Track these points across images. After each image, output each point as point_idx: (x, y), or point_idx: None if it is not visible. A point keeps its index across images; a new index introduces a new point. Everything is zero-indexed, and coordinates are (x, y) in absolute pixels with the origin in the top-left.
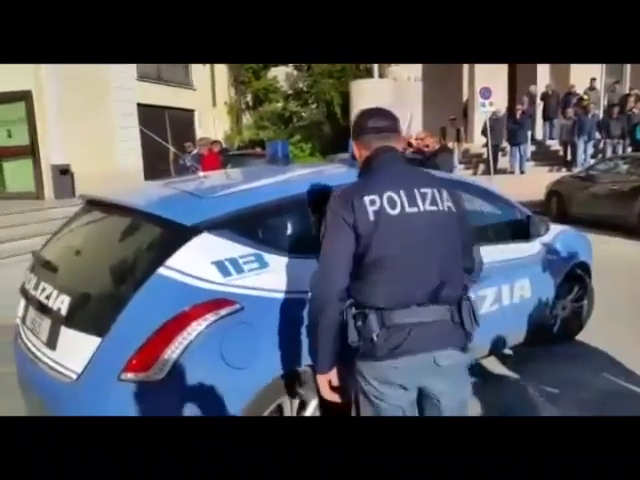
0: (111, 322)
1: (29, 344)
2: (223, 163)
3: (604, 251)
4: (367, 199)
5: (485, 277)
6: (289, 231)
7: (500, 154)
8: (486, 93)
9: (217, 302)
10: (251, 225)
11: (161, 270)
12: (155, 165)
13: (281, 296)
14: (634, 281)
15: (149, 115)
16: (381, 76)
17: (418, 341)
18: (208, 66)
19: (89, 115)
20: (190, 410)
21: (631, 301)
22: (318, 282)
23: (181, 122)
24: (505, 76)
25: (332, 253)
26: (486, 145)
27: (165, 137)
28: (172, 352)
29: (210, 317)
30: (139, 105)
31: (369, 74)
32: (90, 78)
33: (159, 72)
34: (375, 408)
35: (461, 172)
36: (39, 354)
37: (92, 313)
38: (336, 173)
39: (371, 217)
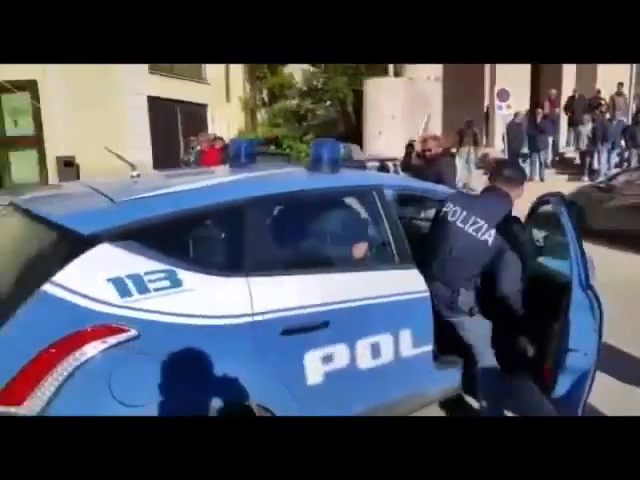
0: None
1: None
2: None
3: (624, 268)
4: (449, 204)
5: None
6: (213, 245)
7: (520, 160)
8: (504, 95)
9: (106, 328)
10: (166, 235)
11: (46, 287)
12: (165, 159)
13: (193, 322)
14: None
15: (160, 108)
16: (397, 75)
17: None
18: None
19: (97, 107)
20: None
21: None
22: None
23: (193, 117)
24: (528, 77)
25: None
26: (504, 150)
27: (176, 131)
28: (49, 385)
29: (97, 345)
30: (150, 97)
31: (385, 72)
32: (98, 69)
33: (172, 65)
34: None
35: (478, 178)
36: None
37: None
38: (283, 179)
39: (442, 214)
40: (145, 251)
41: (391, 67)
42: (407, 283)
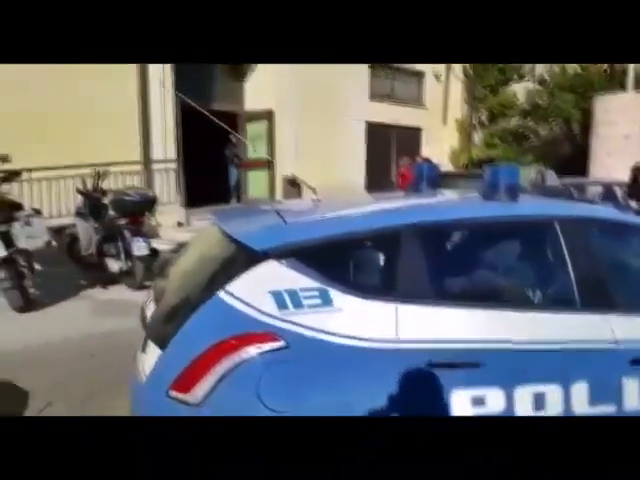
0: (171, 337)
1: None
2: None
3: None
4: None
5: None
6: (367, 269)
7: None
8: None
9: (261, 335)
10: (323, 256)
11: (220, 293)
12: (379, 180)
13: (338, 340)
14: None
15: (376, 132)
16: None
17: None
18: (442, 84)
19: (320, 132)
20: None
21: None
22: None
23: (407, 140)
24: None
25: None
26: None
27: (390, 154)
28: (209, 379)
29: (253, 350)
30: (368, 123)
31: (621, 87)
32: (326, 98)
33: (392, 91)
34: None
35: None
36: (138, 355)
37: (161, 325)
38: (449, 206)
39: None
40: (304, 269)
41: (630, 80)
42: (588, 331)
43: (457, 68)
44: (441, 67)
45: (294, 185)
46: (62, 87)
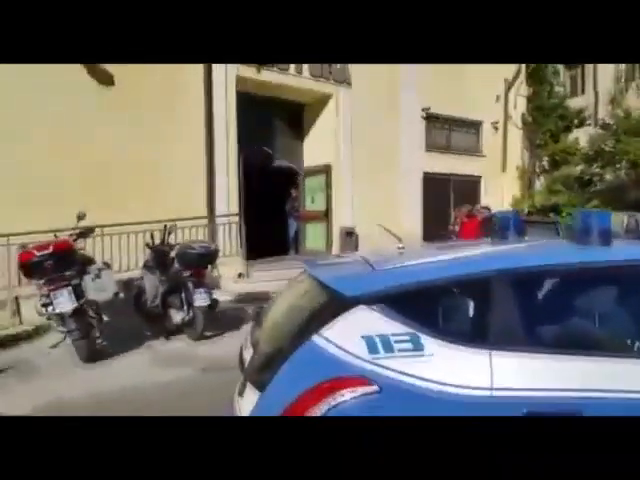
0: (269, 380)
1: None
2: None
3: None
4: None
5: None
6: (457, 315)
7: None
8: None
9: (355, 379)
10: (413, 302)
11: (315, 337)
12: (435, 230)
13: (430, 386)
14: None
15: (433, 183)
16: None
17: None
18: (500, 132)
19: (377, 184)
20: None
21: None
22: None
23: (466, 188)
24: None
25: None
26: None
27: (447, 203)
28: None
29: (347, 393)
30: (424, 173)
31: None
32: (381, 151)
33: (448, 141)
34: None
35: None
36: (235, 398)
37: (259, 368)
38: (537, 252)
39: None
40: (394, 315)
41: None
42: None
43: (515, 116)
44: (499, 116)
45: (350, 236)
46: (139, 151)
